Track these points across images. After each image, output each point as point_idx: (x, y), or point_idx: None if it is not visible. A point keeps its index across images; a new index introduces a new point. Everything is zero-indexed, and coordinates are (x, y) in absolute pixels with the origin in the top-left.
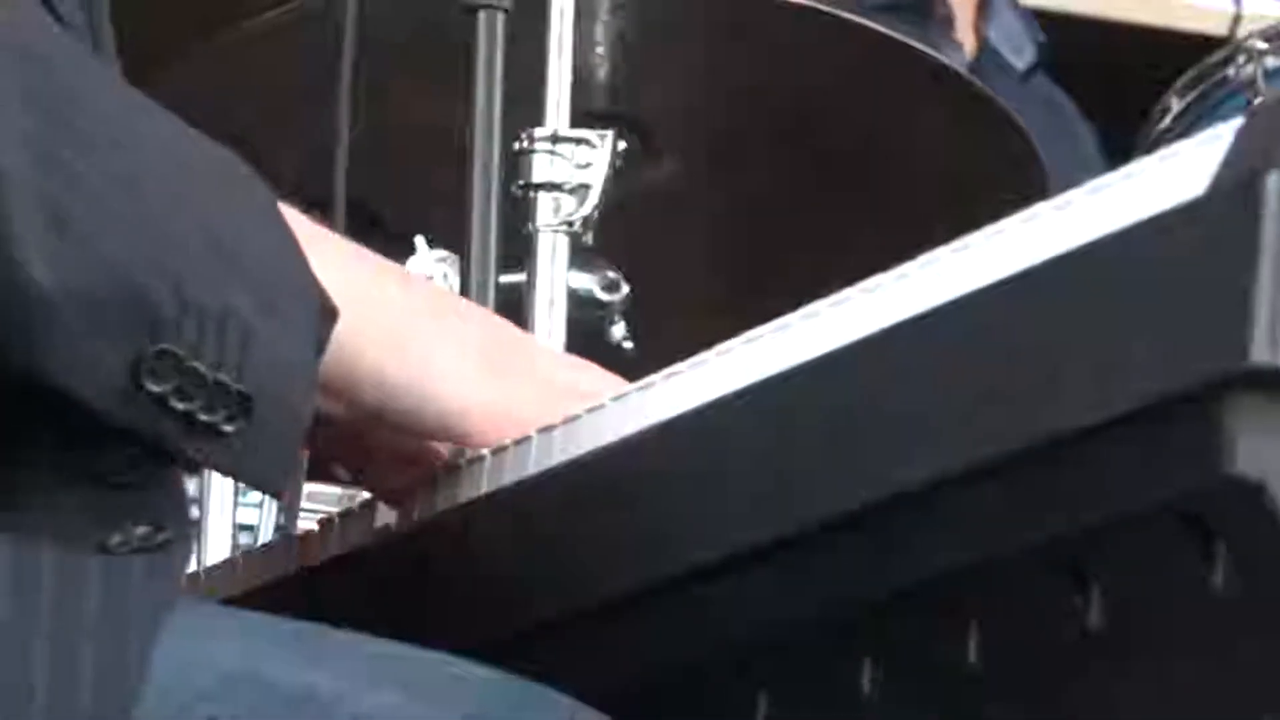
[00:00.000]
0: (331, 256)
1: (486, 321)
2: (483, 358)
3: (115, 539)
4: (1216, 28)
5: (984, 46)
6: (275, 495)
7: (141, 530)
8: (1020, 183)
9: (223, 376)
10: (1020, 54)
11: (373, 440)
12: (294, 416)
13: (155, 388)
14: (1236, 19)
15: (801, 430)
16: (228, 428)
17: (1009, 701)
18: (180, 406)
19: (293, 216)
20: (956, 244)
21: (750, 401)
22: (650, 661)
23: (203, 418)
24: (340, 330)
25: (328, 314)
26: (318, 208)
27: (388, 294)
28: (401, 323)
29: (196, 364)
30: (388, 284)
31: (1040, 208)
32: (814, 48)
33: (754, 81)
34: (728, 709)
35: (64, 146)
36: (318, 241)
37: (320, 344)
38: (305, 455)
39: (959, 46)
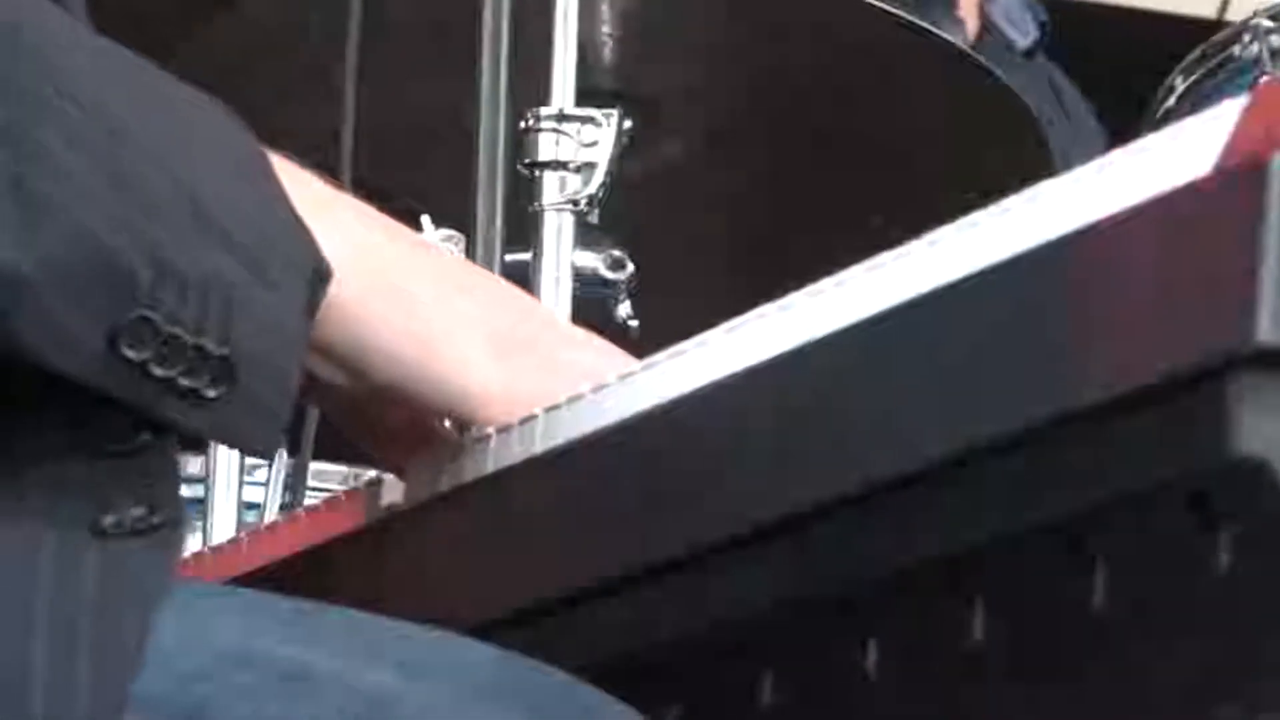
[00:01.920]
0: (342, 219)
1: (497, 294)
2: (492, 336)
3: (109, 519)
4: (1205, 10)
5: (986, 25)
6: (266, 457)
7: (137, 511)
8: (1025, 161)
9: (204, 341)
10: (1022, 32)
11: (380, 412)
12: (281, 380)
13: (134, 355)
14: (1225, 1)
15: (806, 410)
16: (211, 392)
17: (1014, 681)
18: (161, 373)
19: (299, 176)
20: (961, 222)
21: (755, 380)
22: (653, 641)
23: (184, 383)
24: (349, 299)
25: (322, 276)
26: None
27: (399, 263)
28: (413, 294)
29: (176, 330)
30: (400, 252)
31: (1045, 186)
32: (818, 27)
33: (759, 60)
34: (731, 689)
35: (29, 118)
36: (328, 204)
37: (312, 307)
38: (312, 434)
39: (961, 25)
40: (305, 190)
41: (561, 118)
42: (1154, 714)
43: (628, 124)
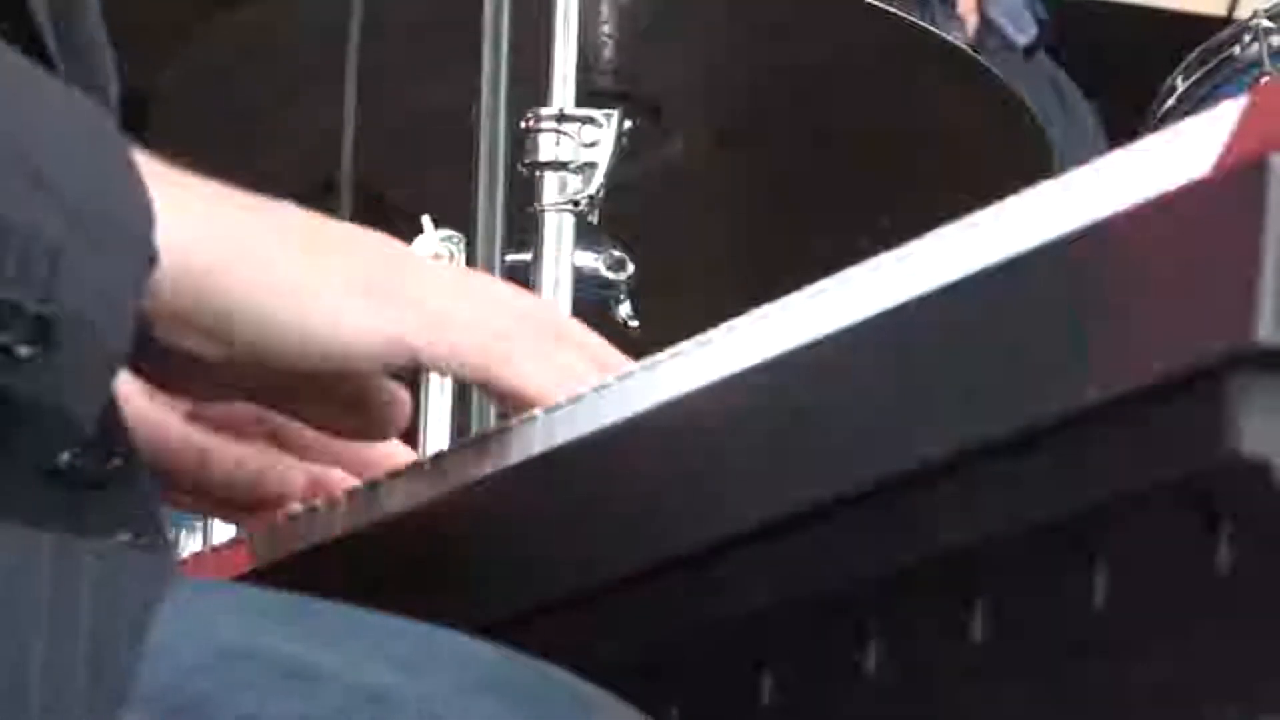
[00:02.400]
0: (196, 195)
1: (364, 247)
2: (357, 284)
3: (101, 545)
4: (1215, 8)
5: (986, 24)
6: (79, 429)
7: (124, 536)
8: (1027, 160)
9: (21, 297)
10: (1022, 31)
11: (285, 380)
12: (103, 347)
13: None
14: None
15: (806, 409)
16: (24, 350)
17: (1014, 680)
18: None
19: (155, 164)
20: (962, 222)
21: (755, 380)
22: (653, 640)
23: None
24: (207, 266)
25: (155, 258)
26: (325, 187)
27: (256, 227)
28: (271, 254)
29: None
30: (256, 218)
31: (1047, 186)
32: (820, 26)
33: (760, 60)
34: (731, 688)
35: None
36: (181, 184)
37: (141, 282)
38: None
39: (961, 23)
40: (158, 172)
41: (562, 118)
42: (1154, 714)
43: (628, 124)
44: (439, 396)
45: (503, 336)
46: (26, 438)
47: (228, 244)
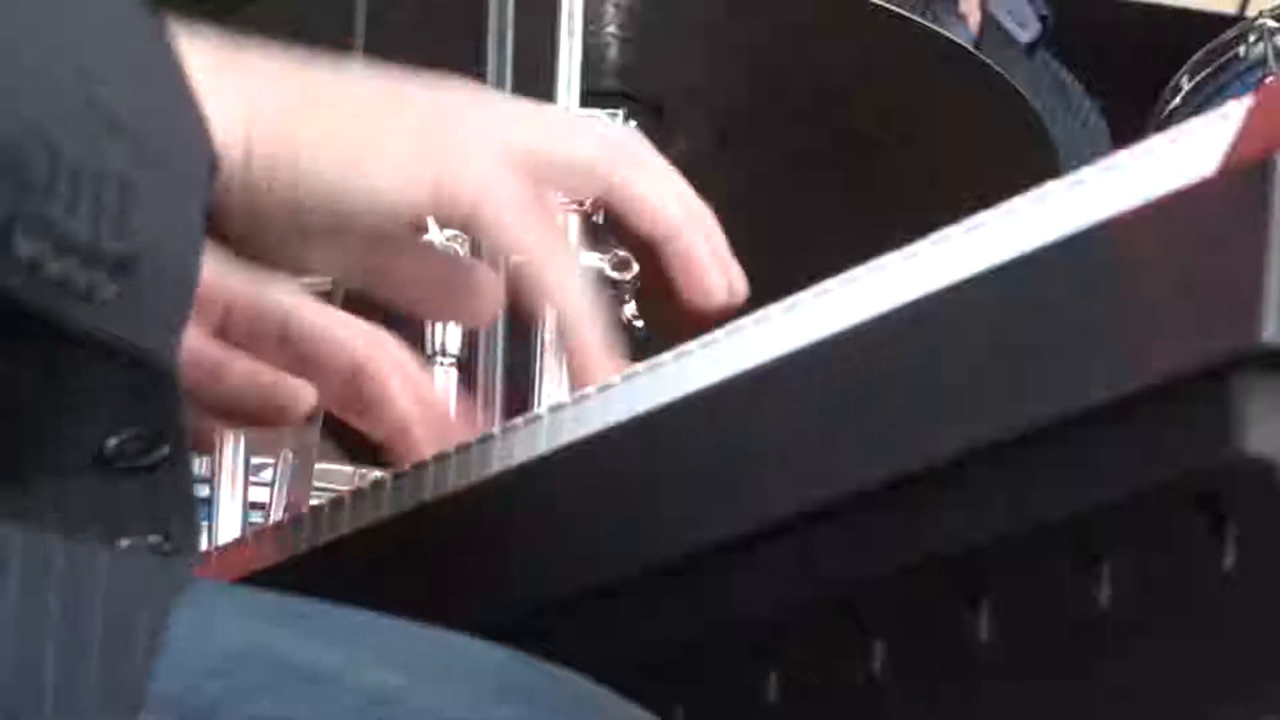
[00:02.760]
0: (250, 64)
1: (423, 95)
2: (418, 134)
3: (125, 543)
4: (1226, 4)
5: (987, 21)
6: (160, 365)
7: (153, 539)
8: (1031, 160)
9: (99, 237)
10: (1024, 28)
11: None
12: (180, 276)
13: (27, 249)
14: None
15: (811, 410)
16: (104, 291)
17: (1019, 681)
18: (55, 268)
19: (200, 39)
20: (967, 222)
21: (760, 381)
22: (660, 642)
23: (79, 279)
24: (270, 135)
25: (216, 166)
26: None
27: (314, 88)
28: (335, 120)
29: (71, 224)
30: (312, 78)
31: (1051, 186)
32: (824, 26)
33: (764, 60)
34: (738, 689)
35: None
36: (234, 57)
37: (210, 196)
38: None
39: (964, 21)
40: (204, 48)
41: None
42: (1159, 714)
43: (633, 124)
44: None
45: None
46: (80, 423)
47: (287, 113)
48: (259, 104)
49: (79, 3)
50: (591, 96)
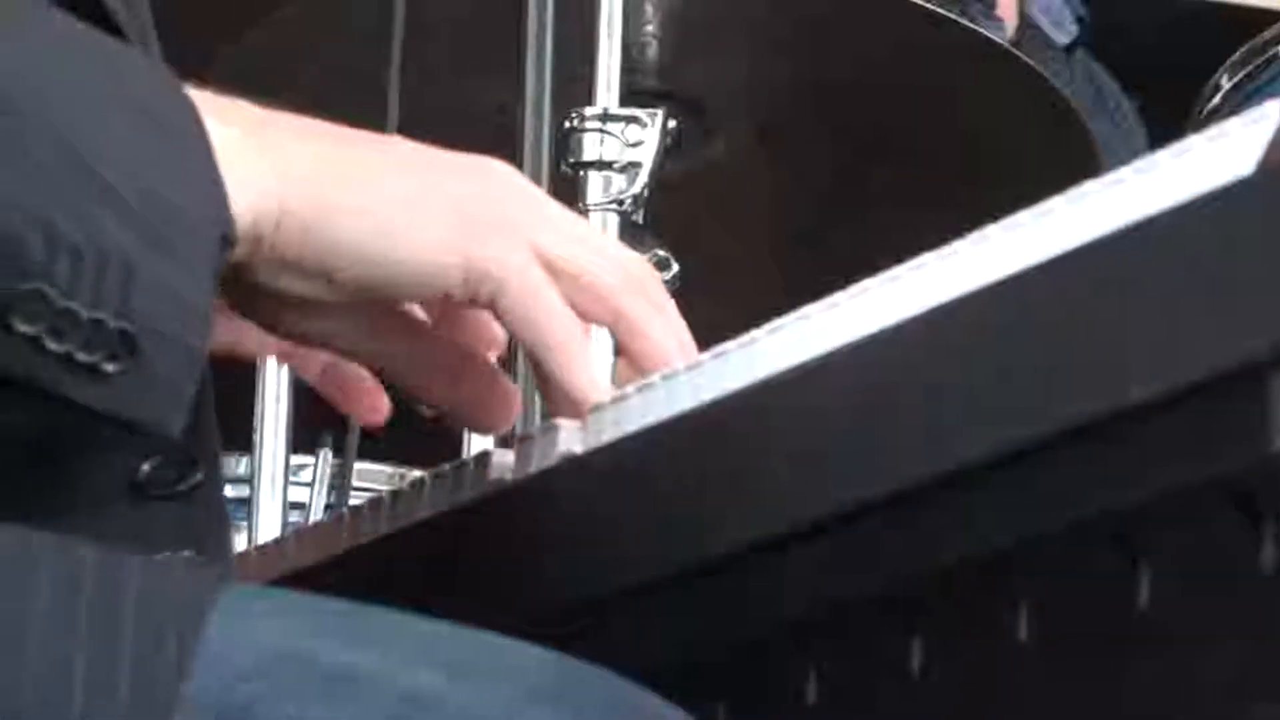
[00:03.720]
0: (278, 138)
1: (452, 167)
2: (451, 206)
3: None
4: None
5: (1025, 22)
6: (167, 435)
7: (185, 554)
8: (1070, 159)
9: (100, 315)
10: (1061, 29)
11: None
12: (186, 352)
13: (26, 329)
14: None
15: (850, 408)
16: (109, 367)
17: (1059, 680)
18: (56, 347)
19: (229, 106)
20: (1007, 222)
21: (799, 380)
22: (700, 640)
23: (81, 358)
24: (298, 208)
25: (230, 239)
26: None
27: (345, 162)
28: (364, 185)
29: (71, 304)
30: (345, 152)
31: (1089, 186)
32: (863, 25)
33: (804, 59)
34: (777, 687)
35: None
36: (262, 125)
37: (218, 272)
38: (356, 434)
39: (1000, 24)
40: (237, 117)
41: (606, 117)
42: (1196, 713)
43: (672, 123)
44: None
45: (614, 291)
46: (113, 451)
47: (321, 181)
48: (292, 169)
49: (84, 84)
50: (631, 95)
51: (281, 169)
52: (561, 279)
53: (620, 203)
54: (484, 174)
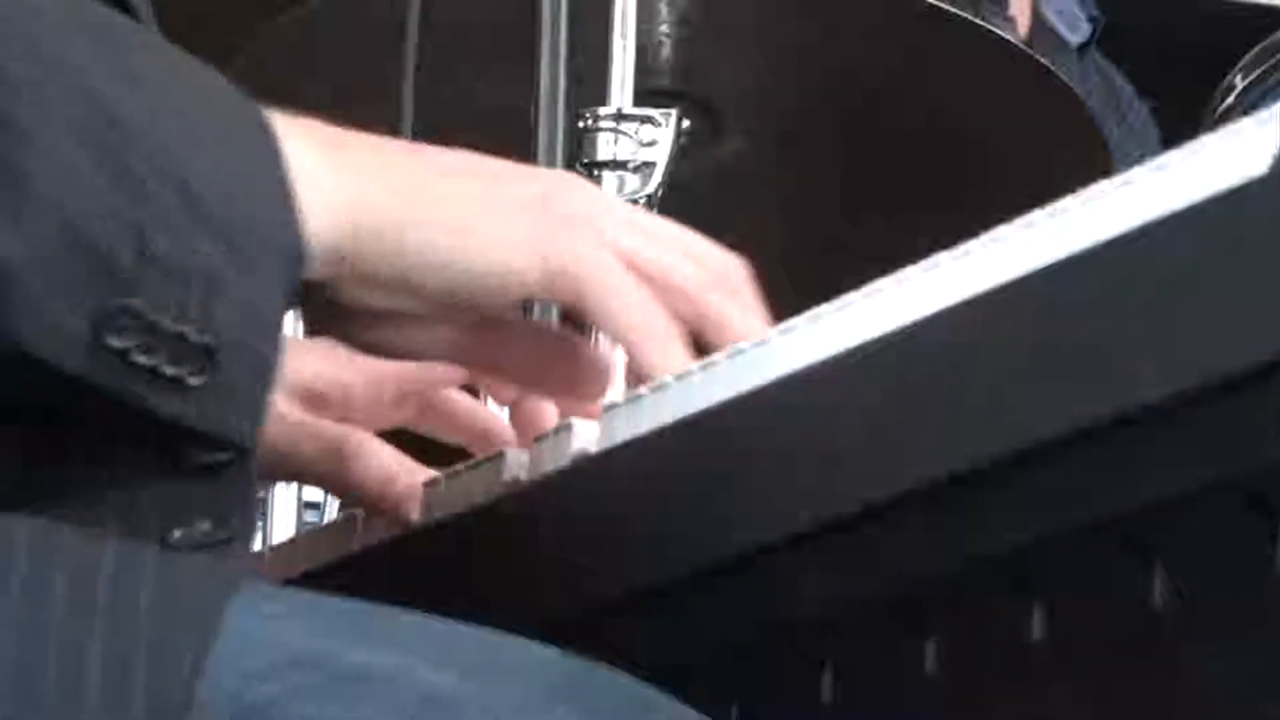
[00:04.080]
0: (354, 156)
1: (528, 177)
2: (526, 207)
3: (177, 534)
4: None
5: (1038, 23)
6: (245, 445)
7: (205, 526)
8: (1083, 159)
9: (185, 329)
10: (1075, 30)
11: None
12: (262, 366)
13: (117, 343)
14: None
15: (862, 409)
16: (193, 381)
17: (1073, 681)
18: (144, 361)
19: (304, 126)
20: (1019, 222)
21: (812, 381)
22: (713, 640)
23: (168, 371)
24: (378, 222)
25: (303, 257)
26: None
27: (421, 174)
28: (442, 197)
29: (159, 318)
30: (418, 163)
31: (1102, 186)
32: (878, 25)
33: (819, 59)
34: (791, 687)
35: (14, 100)
36: (338, 144)
37: (293, 289)
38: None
39: (1013, 24)
40: (313, 137)
41: (620, 117)
42: (1209, 714)
43: (686, 123)
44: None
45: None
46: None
47: (399, 195)
48: (368, 187)
49: (178, 100)
50: (645, 95)
51: (357, 187)
52: (642, 279)
53: (634, 203)
54: (555, 179)
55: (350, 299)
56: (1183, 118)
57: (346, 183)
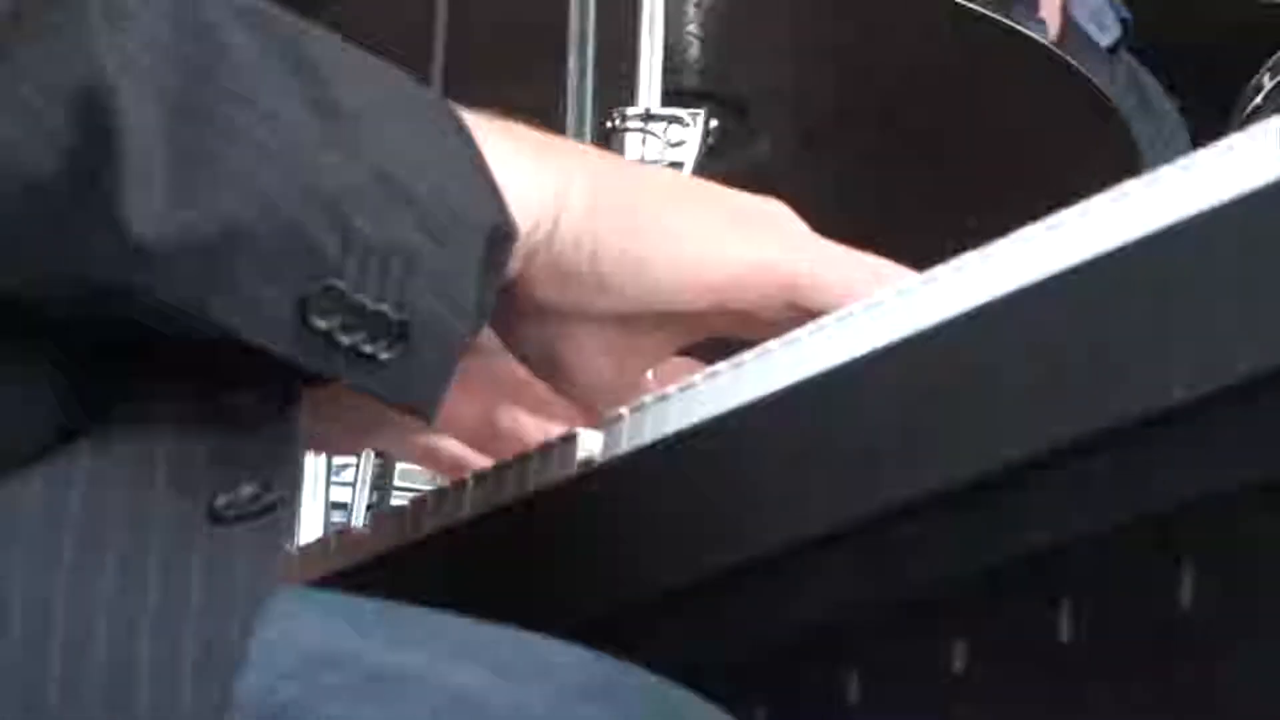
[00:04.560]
0: (561, 160)
1: (717, 189)
2: (729, 220)
3: (223, 500)
4: None
5: (1068, 23)
6: (428, 418)
7: (249, 490)
8: (1112, 159)
9: (384, 307)
10: (1104, 30)
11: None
12: (451, 343)
13: (322, 324)
14: None
15: (894, 408)
16: (385, 355)
17: (1101, 681)
18: (346, 340)
19: (507, 126)
20: (1049, 221)
21: (843, 380)
22: (741, 641)
23: (366, 349)
24: (576, 224)
25: (505, 232)
26: None
27: (619, 179)
28: (641, 202)
29: (360, 297)
30: (621, 170)
31: (1130, 185)
32: (907, 25)
33: (847, 60)
34: (818, 689)
35: (210, 87)
36: (545, 146)
37: (496, 264)
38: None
39: (1043, 26)
40: (517, 134)
41: (648, 117)
42: (1240, 714)
43: (714, 124)
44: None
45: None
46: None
47: (599, 196)
48: (569, 186)
49: (372, 86)
50: (673, 95)
51: (557, 185)
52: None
53: None
54: (759, 197)
55: (542, 298)
56: (1212, 117)
57: (547, 179)
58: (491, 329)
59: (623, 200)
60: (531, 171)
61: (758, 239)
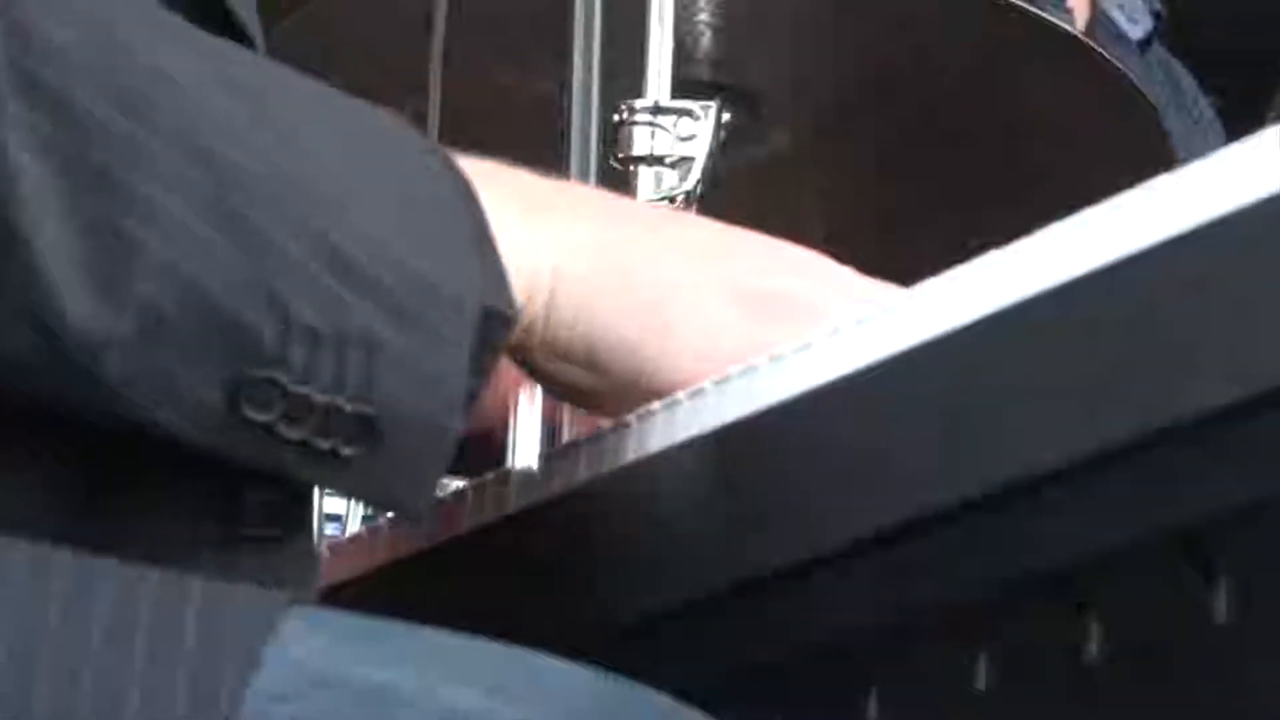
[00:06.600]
0: (554, 223)
1: (734, 247)
2: (733, 295)
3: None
4: None
5: (1097, 15)
6: (415, 518)
7: (274, 532)
8: (1143, 153)
9: (339, 400)
10: (1136, 24)
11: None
12: (434, 433)
13: (257, 416)
14: None
15: (916, 415)
16: (348, 451)
17: (1129, 697)
18: (291, 434)
19: (507, 182)
20: (1077, 219)
21: (861, 385)
22: (757, 658)
23: (320, 443)
24: (569, 296)
25: (498, 315)
26: None
27: (620, 247)
28: (639, 276)
29: (305, 389)
30: (620, 234)
31: (1162, 181)
32: (925, 14)
33: (862, 50)
34: (836, 704)
35: (125, 163)
36: (541, 206)
37: (490, 347)
38: None
39: (1070, 16)
40: (510, 193)
41: (657, 110)
42: None
43: (726, 117)
44: (528, 409)
45: None
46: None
47: (594, 270)
48: (565, 255)
49: (323, 158)
50: (683, 87)
51: (553, 254)
52: None
53: (672, 199)
54: (772, 252)
55: (540, 368)
56: (1247, 113)
57: (542, 248)
58: None
59: (620, 275)
60: (524, 241)
61: (762, 324)
